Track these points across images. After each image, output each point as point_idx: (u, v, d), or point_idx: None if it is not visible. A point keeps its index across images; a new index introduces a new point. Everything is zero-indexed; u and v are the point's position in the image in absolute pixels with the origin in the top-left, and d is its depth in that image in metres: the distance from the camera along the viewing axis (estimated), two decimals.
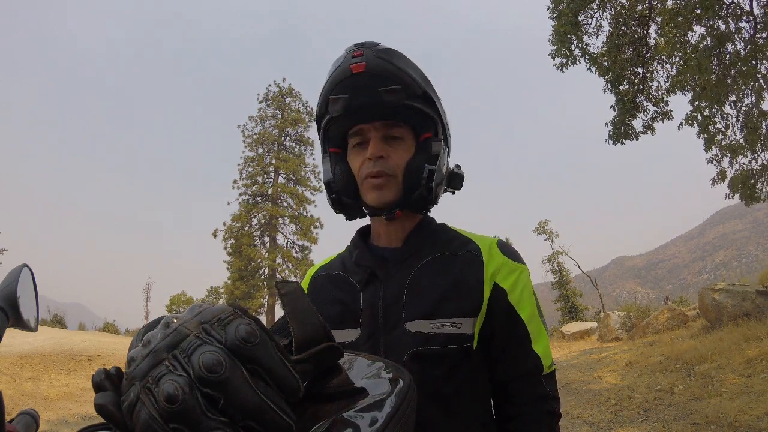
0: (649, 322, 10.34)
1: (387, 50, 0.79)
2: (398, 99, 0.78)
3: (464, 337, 0.78)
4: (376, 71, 0.77)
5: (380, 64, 0.77)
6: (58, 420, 6.32)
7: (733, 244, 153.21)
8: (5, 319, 0.54)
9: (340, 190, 0.86)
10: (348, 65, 0.77)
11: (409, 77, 0.79)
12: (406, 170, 0.82)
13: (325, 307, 0.86)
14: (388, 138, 0.83)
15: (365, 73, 0.77)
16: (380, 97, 0.78)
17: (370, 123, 0.82)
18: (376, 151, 0.81)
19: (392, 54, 0.79)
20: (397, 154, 0.83)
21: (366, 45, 0.79)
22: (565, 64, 8.81)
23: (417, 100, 0.81)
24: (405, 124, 0.84)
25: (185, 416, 0.30)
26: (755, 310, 7.25)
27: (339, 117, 0.82)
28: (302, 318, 0.39)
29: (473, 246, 0.85)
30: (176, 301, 31.80)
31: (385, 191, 0.81)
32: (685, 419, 4.31)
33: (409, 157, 0.83)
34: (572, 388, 6.62)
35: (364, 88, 0.78)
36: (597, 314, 19.72)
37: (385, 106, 0.79)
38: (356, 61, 0.77)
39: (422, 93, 0.81)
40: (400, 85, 0.78)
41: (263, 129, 27.53)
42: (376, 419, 0.36)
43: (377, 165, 0.81)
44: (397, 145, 0.83)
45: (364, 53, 0.77)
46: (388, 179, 0.81)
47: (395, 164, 0.82)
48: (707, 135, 7.80)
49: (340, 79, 0.78)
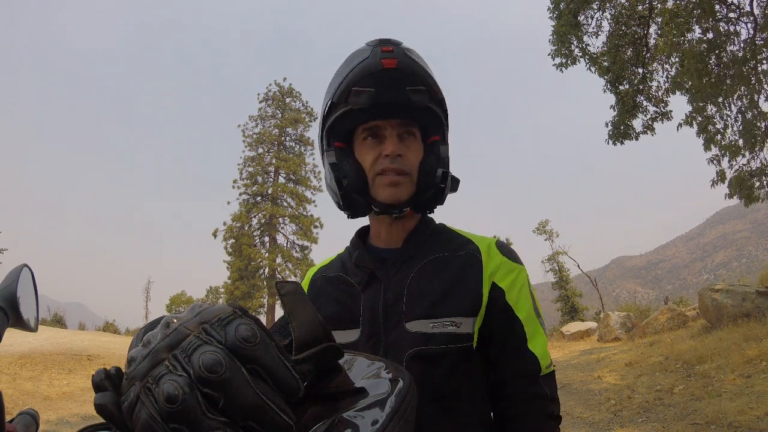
0: (649, 323, 10.34)
1: (412, 51, 0.80)
2: (423, 100, 0.79)
3: (464, 336, 0.78)
4: (406, 69, 0.77)
5: (409, 63, 0.78)
6: (58, 420, 6.32)
7: (733, 244, 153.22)
8: (5, 319, 0.54)
9: (350, 185, 0.83)
10: (378, 59, 0.77)
11: (432, 80, 0.81)
12: (421, 170, 0.83)
13: (326, 308, 0.86)
14: (403, 137, 0.84)
15: (396, 70, 0.77)
16: (407, 95, 0.78)
17: (387, 120, 0.82)
18: (396, 148, 0.81)
19: (417, 55, 0.80)
20: (411, 153, 0.84)
21: (393, 42, 0.79)
22: (565, 64, 8.82)
23: (436, 103, 0.83)
24: (418, 124, 0.85)
25: (185, 416, 0.30)
26: (755, 311, 7.25)
27: (357, 110, 0.80)
28: (302, 318, 0.39)
29: (472, 246, 0.86)
30: (176, 300, 31.76)
31: (400, 189, 0.82)
32: (684, 419, 4.31)
33: (421, 157, 0.84)
34: (572, 388, 6.62)
35: (392, 85, 0.78)
36: (597, 314, 19.69)
37: (411, 105, 0.79)
38: (387, 56, 0.76)
39: (440, 98, 0.83)
40: (425, 87, 0.79)
41: (263, 129, 27.53)
42: (376, 419, 0.36)
43: (396, 162, 0.81)
44: (411, 145, 0.84)
45: (394, 50, 0.77)
46: (403, 177, 0.82)
47: (410, 163, 0.83)
48: (706, 135, 7.79)
49: (369, 71, 0.77)
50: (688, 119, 7.79)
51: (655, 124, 8.69)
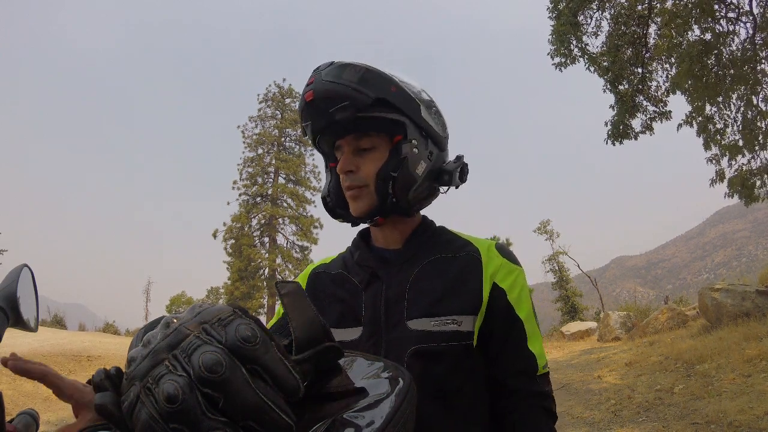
0: (649, 322, 10.33)
1: (334, 69, 0.80)
2: (349, 115, 0.79)
3: (465, 334, 0.79)
4: (323, 95, 0.80)
5: (325, 87, 0.79)
6: (58, 420, 6.31)
7: (733, 243, 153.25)
8: (5, 319, 0.54)
9: (333, 201, 0.91)
10: (303, 95, 0.82)
11: (355, 90, 0.78)
12: (376, 179, 0.83)
13: (327, 306, 0.87)
14: (360, 150, 0.85)
15: (315, 100, 0.80)
16: (332, 117, 0.80)
17: (343, 138, 0.85)
18: (344, 166, 0.84)
19: (341, 71, 0.80)
20: (366, 164, 0.84)
21: (319, 69, 0.82)
22: (564, 64, 8.81)
23: (370, 109, 0.80)
24: (377, 132, 0.84)
25: (185, 416, 0.30)
26: (755, 310, 7.25)
27: (317, 137, 0.87)
28: (302, 318, 0.39)
29: (472, 248, 0.88)
30: (176, 301, 31.74)
31: (359, 202, 0.84)
32: (684, 419, 4.31)
33: (381, 165, 0.83)
34: (572, 387, 6.62)
35: (318, 112, 0.81)
36: (597, 314, 19.69)
37: (341, 123, 0.81)
38: (307, 89, 0.81)
39: (374, 100, 0.79)
40: (348, 101, 0.79)
41: (263, 129, 27.54)
42: (375, 419, 0.36)
43: (347, 179, 0.84)
44: (368, 155, 0.84)
45: (315, 80, 0.80)
46: (360, 190, 0.84)
47: (365, 175, 0.84)
48: (706, 135, 7.80)
49: (301, 108, 0.84)
50: (688, 119, 7.80)
51: (654, 123, 8.69)
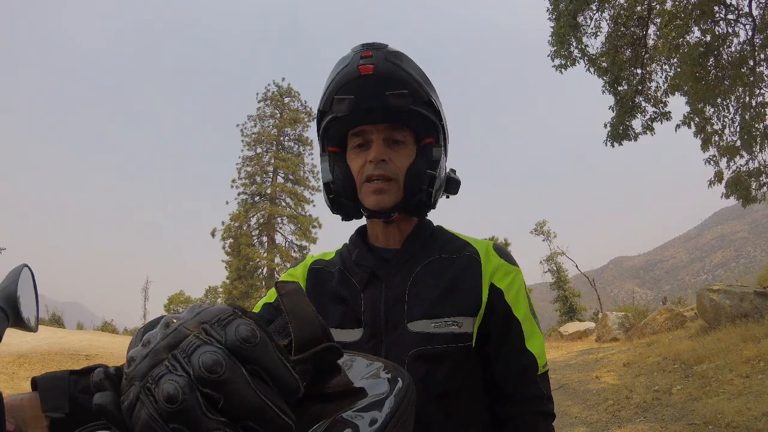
0: (647, 323, 10.34)
1: (396, 53, 0.79)
2: (405, 103, 0.78)
3: (465, 336, 0.79)
4: (385, 74, 0.77)
5: (389, 67, 0.77)
6: None
7: (731, 245, 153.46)
8: (5, 319, 0.54)
9: (339, 190, 0.85)
10: (356, 66, 0.77)
11: (416, 82, 0.79)
12: (408, 174, 0.82)
13: (327, 305, 0.86)
14: (391, 141, 0.83)
15: (373, 76, 0.76)
16: (387, 100, 0.77)
17: (374, 125, 0.82)
18: (379, 154, 0.81)
19: (401, 57, 0.79)
20: (398, 157, 0.83)
21: (375, 46, 0.78)
22: (564, 65, 8.83)
23: (422, 105, 0.81)
24: (407, 128, 0.84)
25: (185, 416, 0.30)
26: (753, 311, 7.26)
27: (342, 117, 0.81)
28: (302, 318, 0.39)
29: (470, 249, 0.87)
30: (174, 300, 31.68)
31: (385, 195, 0.82)
32: (683, 419, 4.32)
33: (410, 161, 0.83)
34: (570, 388, 6.63)
35: (371, 91, 0.78)
36: (595, 315, 19.70)
37: (392, 109, 0.79)
38: (365, 63, 0.76)
39: (428, 99, 0.81)
40: (408, 90, 0.78)
41: (262, 128, 27.52)
42: (375, 419, 0.36)
43: (379, 168, 0.81)
44: (399, 149, 0.84)
45: (373, 55, 0.77)
46: (389, 183, 0.82)
47: (397, 168, 0.82)
48: (704, 136, 7.81)
49: (347, 79, 0.78)
50: (686, 120, 7.81)
51: (654, 124, 8.70)
